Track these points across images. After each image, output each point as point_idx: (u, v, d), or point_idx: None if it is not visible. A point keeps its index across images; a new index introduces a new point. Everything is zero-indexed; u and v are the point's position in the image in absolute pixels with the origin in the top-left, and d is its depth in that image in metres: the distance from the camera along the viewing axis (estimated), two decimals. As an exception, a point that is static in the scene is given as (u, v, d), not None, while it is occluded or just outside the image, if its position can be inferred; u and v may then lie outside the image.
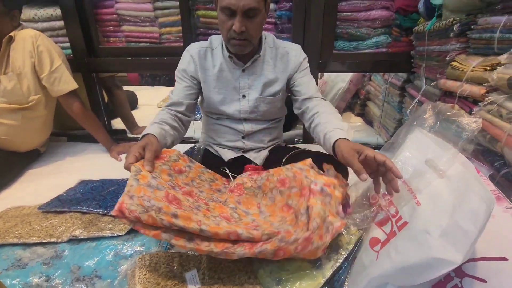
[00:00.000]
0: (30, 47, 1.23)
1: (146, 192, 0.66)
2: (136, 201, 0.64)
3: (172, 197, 0.69)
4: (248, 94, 1.05)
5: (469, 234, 0.50)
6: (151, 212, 0.62)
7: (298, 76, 1.05)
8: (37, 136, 1.38)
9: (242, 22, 0.86)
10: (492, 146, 0.77)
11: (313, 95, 1.01)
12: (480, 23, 0.88)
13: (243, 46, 0.92)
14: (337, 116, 0.91)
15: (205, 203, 0.77)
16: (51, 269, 0.78)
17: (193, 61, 1.04)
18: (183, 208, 0.67)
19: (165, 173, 0.79)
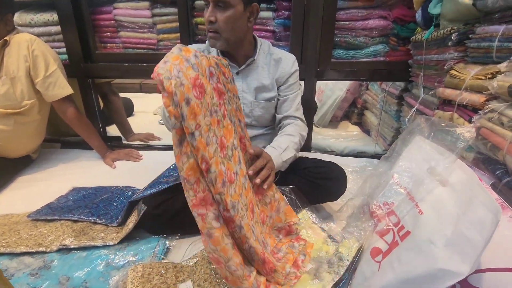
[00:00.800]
0: (25, 51, 1.21)
1: (181, 63, 0.62)
2: (167, 66, 0.60)
3: (200, 84, 0.64)
4: (242, 97, 1.04)
5: (475, 244, 0.48)
6: (173, 81, 0.58)
7: (284, 91, 1.06)
8: (29, 142, 1.35)
9: (212, 12, 0.89)
10: (493, 154, 0.76)
11: (291, 114, 1.06)
12: (478, 32, 0.88)
13: (214, 38, 0.93)
14: (289, 138, 0.98)
15: (223, 114, 0.72)
16: (39, 280, 0.74)
17: None
18: (201, 100, 0.63)
19: (213, 60, 0.73)
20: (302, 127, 1.06)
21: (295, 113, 1.06)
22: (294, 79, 1.07)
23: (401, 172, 0.75)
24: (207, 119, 0.63)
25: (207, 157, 0.60)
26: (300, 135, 1.02)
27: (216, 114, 0.68)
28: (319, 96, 2.14)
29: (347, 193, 1.03)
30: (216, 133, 0.66)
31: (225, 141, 0.68)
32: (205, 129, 0.62)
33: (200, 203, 0.61)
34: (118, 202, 1.05)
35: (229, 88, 0.78)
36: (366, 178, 0.91)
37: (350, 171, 1.36)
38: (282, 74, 1.04)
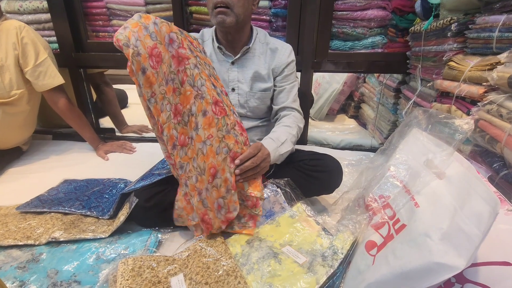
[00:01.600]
0: (14, 38, 1.17)
1: (139, 31, 0.65)
2: (126, 32, 0.64)
3: (157, 53, 0.67)
4: (237, 87, 1.02)
5: (472, 237, 0.47)
6: (130, 49, 0.63)
7: (280, 82, 1.04)
8: (19, 133, 1.32)
9: None
10: (491, 147, 0.75)
11: (287, 105, 1.03)
12: (479, 23, 0.86)
13: (224, 14, 0.88)
14: (287, 130, 0.96)
15: (182, 80, 0.74)
16: (26, 273, 0.72)
17: None
18: (157, 69, 0.68)
19: (176, 28, 0.75)
20: (299, 118, 1.04)
21: (292, 104, 1.04)
22: (291, 70, 1.04)
23: (398, 165, 0.74)
24: (162, 88, 0.69)
25: (161, 122, 0.69)
26: (297, 127, 1.00)
27: (173, 82, 0.72)
28: (315, 89, 2.12)
29: (342, 186, 1.01)
30: (171, 100, 0.71)
31: (181, 108, 0.74)
32: (160, 97, 0.68)
33: (169, 156, 0.74)
34: (110, 194, 1.03)
35: (200, 56, 0.80)
36: (362, 171, 0.90)
37: (346, 164, 1.35)
38: (278, 64, 1.02)
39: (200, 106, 0.75)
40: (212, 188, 0.78)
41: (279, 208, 0.91)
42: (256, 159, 0.81)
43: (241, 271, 0.70)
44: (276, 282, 0.66)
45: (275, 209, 0.91)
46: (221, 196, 0.79)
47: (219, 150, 0.77)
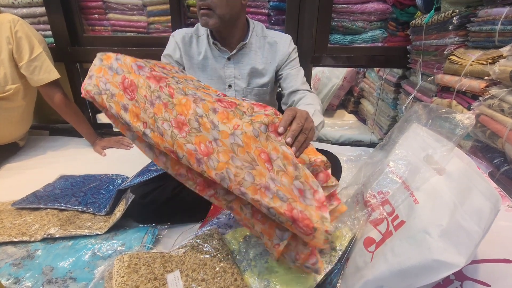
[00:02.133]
0: (7, 32, 1.15)
1: (105, 74, 0.63)
2: (94, 81, 0.63)
3: (129, 84, 0.63)
4: (234, 84, 1.00)
5: (472, 234, 0.46)
6: (104, 95, 0.61)
7: (286, 69, 1.01)
8: (15, 129, 1.31)
9: None
10: (492, 142, 0.73)
11: (299, 88, 0.97)
12: (481, 15, 0.84)
13: (206, 15, 0.87)
14: (312, 107, 0.86)
15: (170, 93, 0.63)
16: (21, 270, 0.72)
17: (178, 47, 1.00)
18: (136, 98, 0.62)
19: (140, 60, 0.68)
20: (316, 99, 0.93)
21: (302, 86, 0.96)
22: (294, 55, 1.02)
23: (397, 161, 0.73)
24: (149, 112, 0.61)
25: (169, 147, 0.58)
26: (319, 104, 0.90)
27: (160, 98, 0.63)
28: (315, 84, 2.10)
29: (341, 182, 1.01)
30: (166, 117, 0.61)
31: (183, 117, 0.61)
32: (152, 122, 0.60)
33: (204, 187, 0.59)
34: (107, 190, 1.02)
35: (177, 76, 0.72)
36: (361, 167, 0.88)
37: (345, 159, 1.34)
38: (281, 56, 1.00)
39: (205, 106, 0.62)
40: (278, 174, 0.58)
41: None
42: (298, 119, 0.63)
43: (238, 267, 0.69)
44: (274, 279, 0.65)
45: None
46: (294, 177, 0.58)
47: (256, 132, 0.59)
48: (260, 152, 0.59)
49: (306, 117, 0.65)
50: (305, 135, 0.64)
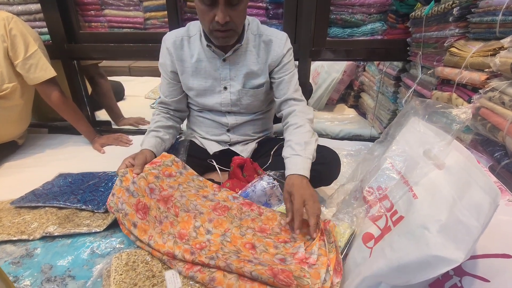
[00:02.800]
0: (1, 30, 1.14)
1: (123, 195, 0.78)
2: (115, 200, 0.78)
3: (142, 206, 0.78)
4: (229, 85, 0.97)
5: (471, 230, 0.46)
6: (120, 213, 0.76)
7: (279, 74, 0.97)
8: (13, 127, 1.30)
9: (226, 12, 0.77)
10: (492, 136, 0.72)
11: (290, 96, 0.96)
12: (481, 6, 0.82)
13: (228, 37, 0.84)
14: (302, 131, 0.88)
15: (175, 213, 0.81)
16: (20, 269, 0.72)
17: (169, 54, 0.97)
18: (146, 219, 0.77)
19: (152, 175, 0.84)
20: (305, 111, 0.95)
21: (294, 94, 0.96)
22: (288, 58, 0.97)
23: (395, 156, 0.72)
24: (157, 229, 0.76)
25: (168, 249, 0.71)
26: (307, 120, 0.92)
27: (167, 218, 0.80)
28: (314, 78, 2.08)
29: (341, 177, 1.00)
30: (172, 231, 0.77)
31: (185, 231, 0.78)
32: (158, 236, 0.74)
33: (191, 265, 0.68)
34: (106, 188, 1.01)
35: (180, 181, 0.88)
36: (359, 163, 0.88)
37: (345, 154, 1.33)
38: (275, 57, 0.95)
39: (203, 218, 0.81)
40: (261, 255, 0.70)
41: (276, 200, 0.90)
42: (312, 215, 0.71)
43: (236, 264, 0.69)
44: (272, 275, 0.65)
45: (272, 201, 0.90)
46: (275, 254, 0.70)
47: (242, 233, 0.77)
48: (245, 243, 0.74)
49: (303, 199, 0.72)
50: (319, 214, 0.72)
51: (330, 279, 0.61)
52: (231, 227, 0.79)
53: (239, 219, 0.82)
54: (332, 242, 0.69)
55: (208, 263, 0.65)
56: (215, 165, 1.03)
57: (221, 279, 0.61)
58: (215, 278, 0.62)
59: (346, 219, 0.72)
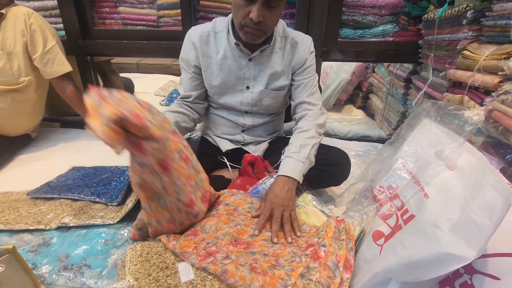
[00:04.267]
0: (22, 25, 1.17)
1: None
2: None
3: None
4: (252, 85, 0.98)
5: (484, 228, 0.46)
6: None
7: (300, 76, 0.98)
8: (27, 120, 1.34)
9: (262, 11, 0.78)
10: (504, 138, 0.73)
11: (303, 100, 0.97)
12: (496, 9, 0.83)
13: (257, 36, 0.85)
14: (304, 135, 0.91)
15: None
16: (38, 257, 0.74)
17: (194, 48, 0.96)
18: None
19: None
20: (315, 115, 0.95)
21: (309, 98, 0.97)
22: (311, 62, 0.98)
23: (407, 157, 0.73)
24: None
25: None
26: (315, 125, 0.93)
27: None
28: (323, 78, 2.09)
29: (350, 177, 1.01)
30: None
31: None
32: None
33: (204, 257, 0.66)
34: (118, 181, 1.04)
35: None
36: (369, 163, 0.89)
37: (353, 155, 1.34)
38: (299, 60, 0.96)
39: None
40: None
41: (286, 197, 0.91)
42: (275, 218, 0.77)
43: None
44: (283, 270, 0.66)
45: (282, 198, 0.91)
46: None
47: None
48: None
49: (271, 208, 0.78)
50: (288, 223, 0.77)
51: (340, 274, 0.63)
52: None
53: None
54: (342, 239, 0.70)
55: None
56: (226, 162, 1.04)
57: (234, 271, 0.62)
58: (227, 270, 0.62)
59: (356, 217, 0.73)
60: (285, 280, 0.61)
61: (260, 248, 0.70)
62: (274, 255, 0.68)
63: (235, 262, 0.64)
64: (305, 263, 0.65)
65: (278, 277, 0.61)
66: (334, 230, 0.71)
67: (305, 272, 0.63)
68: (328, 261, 0.64)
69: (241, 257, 0.66)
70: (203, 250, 0.69)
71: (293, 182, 0.82)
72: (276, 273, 0.62)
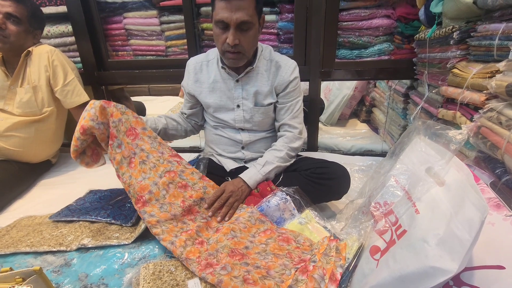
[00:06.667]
0: (45, 61, 1.29)
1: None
2: None
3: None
4: (242, 104, 1.07)
5: (464, 242, 0.50)
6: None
7: (282, 99, 1.07)
8: (48, 147, 1.44)
9: (236, 35, 0.89)
10: (492, 153, 0.76)
11: (285, 122, 1.08)
12: (480, 30, 0.88)
13: (237, 59, 0.95)
14: (274, 154, 1.04)
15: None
16: (61, 277, 0.80)
17: (188, 76, 1.11)
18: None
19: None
20: (292, 138, 1.07)
21: (290, 121, 1.07)
22: (293, 87, 1.06)
23: (399, 174, 0.77)
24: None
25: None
26: (287, 147, 1.05)
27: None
28: (326, 95, 2.15)
29: (352, 192, 1.04)
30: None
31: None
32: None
33: (205, 267, 0.76)
34: (131, 203, 1.10)
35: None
36: (366, 181, 0.93)
37: (356, 169, 1.37)
38: (280, 82, 1.05)
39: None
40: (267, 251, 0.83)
41: (289, 215, 0.96)
42: (221, 200, 0.96)
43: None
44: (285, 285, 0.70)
45: (285, 215, 0.96)
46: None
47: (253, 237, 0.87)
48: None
49: (228, 195, 0.96)
50: (228, 207, 0.95)
51: (325, 286, 0.68)
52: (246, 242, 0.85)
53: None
54: (331, 256, 0.74)
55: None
56: (232, 182, 1.10)
57: (228, 282, 0.69)
58: (222, 281, 0.69)
59: (354, 233, 0.77)
60: None
61: (253, 260, 0.77)
62: (266, 268, 0.75)
63: (230, 274, 0.71)
64: (294, 276, 0.71)
65: (268, 287, 0.68)
66: (326, 247, 0.76)
67: (293, 284, 0.69)
68: (315, 274, 0.69)
69: (236, 269, 0.73)
70: (204, 260, 0.77)
71: (246, 186, 0.99)
72: (267, 283, 0.69)
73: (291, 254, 0.80)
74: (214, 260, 0.77)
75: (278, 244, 0.84)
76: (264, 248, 0.83)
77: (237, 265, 0.75)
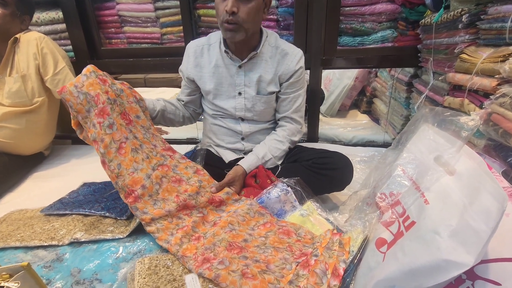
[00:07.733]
0: (34, 49, 1.23)
1: None
2: None
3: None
4: (244, 91, 1.02)
5: (481, 234, 0.47)
6: None
7: (285, 89, 1.03)
8: (41, 139, 1.39)
9: (235, 2, 0.85)
10: (505, 141, 0.73)
11: (288, 115, 1.05)
12: (491, 13, 0.84)
13: (234, 31, 0.90)
14: (275, 144, 1.03)
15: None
16: (52, 272, 0.77)
17: (188, 60, 1.05)
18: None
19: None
20: (294, 131, 1.06)
21: (293, 114, 1.05)
22: (298, 77, 1.02)
23: (406, 163, 0.73)
24: None
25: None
26: (288, 139, 1.04)
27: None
28: (326, 85, 2.11)
29: (354, 184, 1.01)
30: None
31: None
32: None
33: (202, 262, 0.72)
34: (125, 196, 1.07)
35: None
36: (371, 171, 0.89)
37: (358, 160, 1.34)
38: (286, 70, 1.00)
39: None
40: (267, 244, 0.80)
41: (290, 206, 0.92)
42: (223, 183, 0.96)
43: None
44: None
45: (286, 207, 0.93)
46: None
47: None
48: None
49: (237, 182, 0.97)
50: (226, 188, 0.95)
51: (327, 281, 0.64)
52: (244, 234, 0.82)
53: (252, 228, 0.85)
54: (334, 250, 0.71)
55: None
56: (230, 173, 1.06)
57: (226, 276, 0.66)
58: (220, 275, 0.66)
59: (359, 225, 0.74)
60: (274, 284, 0.65)
61: (252, 254, 0.74)
62: (265, 262, 0.71)
63: (228, 269, 0.68)
64: (295, 271, 0.68)
65: (268, 282, 0.65)
66: (328, 241, 0.73)
67: (294, 279, 0.66)
68: (316, 269, 0.66)
69: (234, 263, 0.70)
70: (200, 256, 0.73)
71: (245, 172, 0.99)
72: (266, 278, 0.66)
73: (291, 247, 0.77)
74: (211, 254, 0.73)
75: (278, 237, 0.80)
76: (264, 241, 0.79)
77: (235, 259, 0.72)
